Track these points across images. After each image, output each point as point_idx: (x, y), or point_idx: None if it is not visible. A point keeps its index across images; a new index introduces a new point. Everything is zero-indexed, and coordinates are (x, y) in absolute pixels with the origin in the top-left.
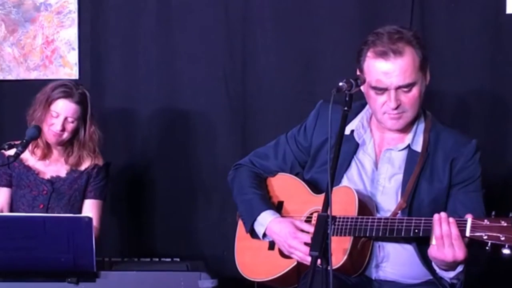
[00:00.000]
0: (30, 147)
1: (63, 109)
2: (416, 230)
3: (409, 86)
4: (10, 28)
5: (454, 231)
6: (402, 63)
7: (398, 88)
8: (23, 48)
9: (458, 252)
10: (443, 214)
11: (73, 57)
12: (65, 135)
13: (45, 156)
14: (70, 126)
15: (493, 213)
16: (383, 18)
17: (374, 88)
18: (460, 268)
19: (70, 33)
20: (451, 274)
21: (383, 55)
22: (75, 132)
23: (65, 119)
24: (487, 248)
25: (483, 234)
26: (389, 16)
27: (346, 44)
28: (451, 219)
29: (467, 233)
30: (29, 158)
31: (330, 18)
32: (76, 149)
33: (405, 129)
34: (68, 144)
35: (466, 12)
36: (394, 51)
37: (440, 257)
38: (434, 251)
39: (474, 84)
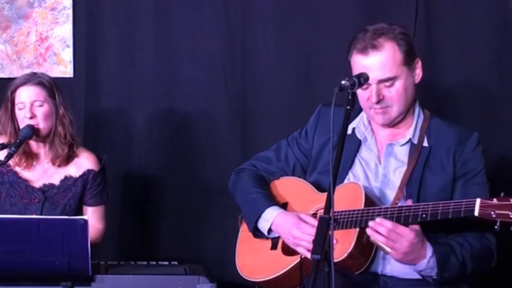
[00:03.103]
0: (11, 160)
1: (25, 95)
2: (424, 215)
3: (390, 80)
4: (3, 24)
5: (387, 224)
6: (380, 57)
7: (379, 82)
8: (16, 45)
9: (407, 236)
10: (370, 223)
11: (68, 54)
12: (41, 124)
13: (28, 163)
14: (40, 111)
15: (502, 194)
16: (386, 15)
17: None
18: (429, 253)
19: (64, 30)
20: (423, 264)
21: (363, 50)
22: (50, 123)
23: (32, 105)
24: (496, 227)
25: (492, 213)
26: (393, 13)
27: (349, 42)
28: (378, 219)
29: (476, 213)
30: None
31: (332, 15)
32: (51, 140)
33: (405, 124)
34: (47, 141)
35: (472, 8)
36: (373, 46)
37: (403, 254)
38: (394, 255)
39: (480, 81)
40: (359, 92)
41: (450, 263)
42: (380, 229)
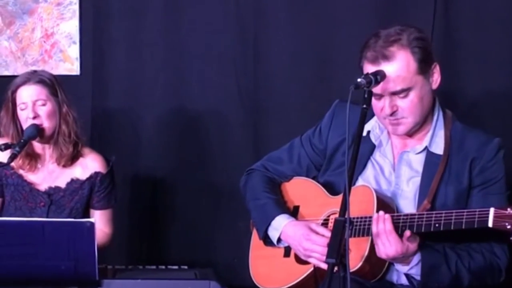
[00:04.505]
0: (14, 163)
1: (26, 95)
2: (437, 225)
3: (404, 91)
4: (7, 20)
5: (387, 225)
6: (392, 69)
7: (393, 94)
8: (21, 41)
9: (389, 248)
10: (381, 212)
11: (74, 51)
12: (45, 123)
13: (32, 165)
14: (43, 110)
15: None
16: (403, 10)
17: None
18: (415, 261)
19: (70, 26)
20: (405, 268)
21: (374, 60)
22: (54, 122)
23: (34, 105)
24: (511, 238)
25: (507, 224)
26: (410, 7)
27: (365, 37)
28: (386, 216)
29: (490, 224)
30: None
31: (347, 10)
32: (56, 140)
33: (422, 131)
34: (51, 141)
35: (492, 3)
36: (384, 57)
37: (380, 255)
38: (376, 250)
39: (502, 80)
40: (373, 101)
41: (440, 274)
42: (379, 225)
